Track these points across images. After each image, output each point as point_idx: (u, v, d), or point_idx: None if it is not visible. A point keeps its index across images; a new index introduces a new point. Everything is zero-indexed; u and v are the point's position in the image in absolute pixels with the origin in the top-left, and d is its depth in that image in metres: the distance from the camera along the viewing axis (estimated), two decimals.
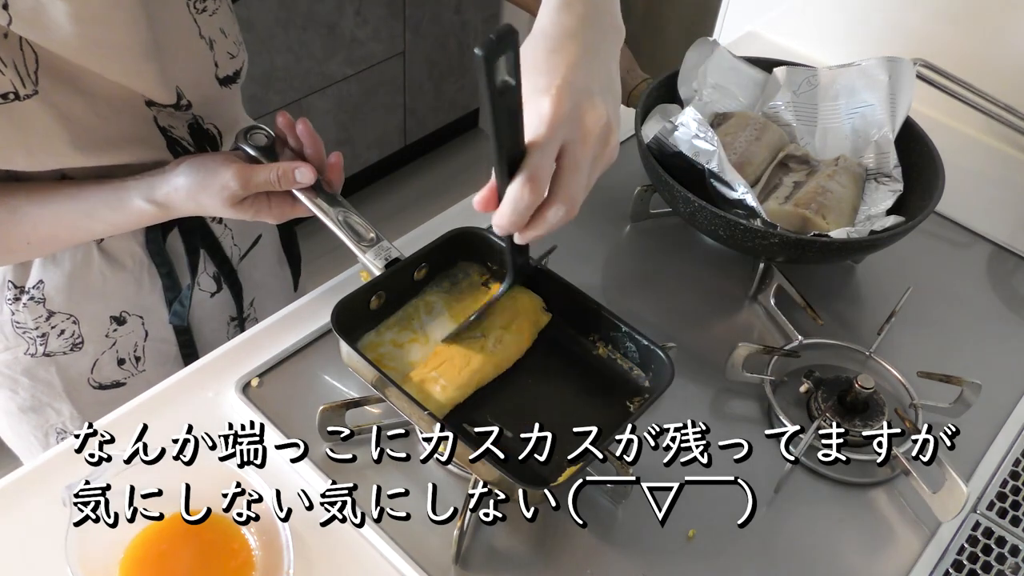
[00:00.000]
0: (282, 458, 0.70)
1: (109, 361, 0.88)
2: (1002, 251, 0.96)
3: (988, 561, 0.67)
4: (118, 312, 0.85)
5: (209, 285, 0.90)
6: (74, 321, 0.84)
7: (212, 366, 0.76)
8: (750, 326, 0.85)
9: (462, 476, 0.69)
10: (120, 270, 0.83)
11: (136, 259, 0.83)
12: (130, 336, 0.88)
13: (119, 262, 0.83)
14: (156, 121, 0.75)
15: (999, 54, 1.08)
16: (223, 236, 0.89)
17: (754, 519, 0.69)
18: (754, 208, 0.81)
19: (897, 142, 0.91)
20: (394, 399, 0.66)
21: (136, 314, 0.86)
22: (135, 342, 0.88)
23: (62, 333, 0.84)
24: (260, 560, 0.62)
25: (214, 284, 0.91)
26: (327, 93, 2.09)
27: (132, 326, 0.87)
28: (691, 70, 0.96)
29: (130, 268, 0.83)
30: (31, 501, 0.66)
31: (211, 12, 0.75)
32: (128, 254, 0.82)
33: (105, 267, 0.82)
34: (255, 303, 0.98)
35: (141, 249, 0.83)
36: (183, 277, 0.86)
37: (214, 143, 0.81)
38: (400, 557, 0.63)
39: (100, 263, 0.82)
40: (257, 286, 0.97)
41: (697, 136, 0.82)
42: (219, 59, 0.77)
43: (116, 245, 0.82)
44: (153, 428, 0.71)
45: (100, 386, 0.89)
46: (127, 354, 0.89)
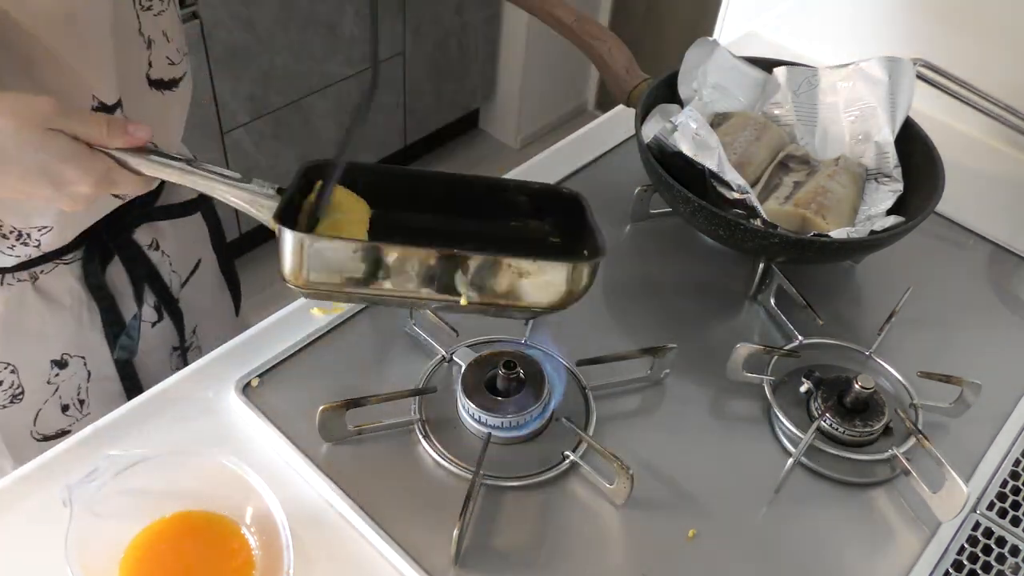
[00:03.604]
0: (282, 458, 0.70)
1: (52, 409, 0.84)
2: (1002, 251, 0.96)
3: (988, 561, 0.67)
4: (59, 355, 0.81)
5: (150, 315, 0.87)
6: (12, 370, 0.80)
7: (212, 366, 0.76)
8: (750, 326, 0.85)
9: (463, 476, 0.69)
10: (59, 309, 0.80)
11: (74, 295, 0.80)
12: (73, 379, 0.83)
13: (56, 300, 0.79)
14: None
15: (999, 54, 1.08)
16: (161, 264, 0.87)
17: (754, 519, 0.69)
18: (754, 208, 0.81)
19: (897, 142, 0.91)
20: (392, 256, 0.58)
21: (78, 355, 0.83)
22: (78, 384, 0.84)
23: (0, 385, 0.80)
24: (260, 560, 0.62)
25: (155, 314, 0.88)
26: (327, 93, 2.09)
27: (74, 368, 0.83)
28: (691, 70, 0.96)
29: (69, 305, 0.80)
30: (31, 501, 0.66)
31: (156, 12, 0.73)
32: (66, 290, 0.79)
33: (42, 307, 0.79)
34: (198, 331, 0.96)
35: (79, 284, 0.80)
36: (125, 309, 0.84)
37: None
38: (400, 557, 0.63)
39: (36, 303, 0.78)
40: (199, 313, 0.95)
41: (697, 136, 0.82)
42: (154, 60, 0.74)
43: (52, 283, 0.78)
44: (153, 428, 0.71)
45: (44, 438, 0.85)
46: (71, 399, 0.84)
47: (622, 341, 0.82)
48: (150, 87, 0.76)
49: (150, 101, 0.76)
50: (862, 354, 0.81)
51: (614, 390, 0.77)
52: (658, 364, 0.77)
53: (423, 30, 2.23)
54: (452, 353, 0.76)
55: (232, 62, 1.83)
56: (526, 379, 0.71)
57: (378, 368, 0.77)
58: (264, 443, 0.71)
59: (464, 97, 2.55)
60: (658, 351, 0.75)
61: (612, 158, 1.03)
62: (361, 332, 0.80)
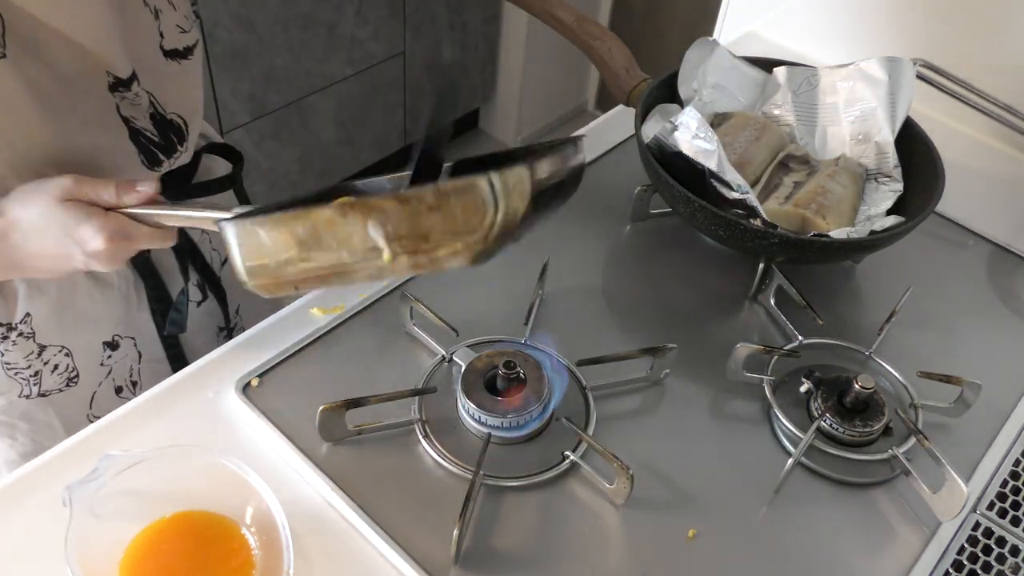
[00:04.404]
0: (282, 458, 0.70)
1: (107, 392, 0.86)
2: (1002, 251, 0.96)
3: (988, 561, 0.67)
4: (110, 336, 0.84)
5: (195, 294, 0.89)
6: (67, 353, 0.82)
7: (212, 366, 0.76)
8: (750, 326, 0.85)
9: (463, 476, 0.69)
10: (108, 289, 0.82)
11: (122, 275, 0.82)
12: (124, 361, 0.86)
13: (105, 281, 0.81)
14: (119, 110, 0.73)
15: (999, 54, 1.08)
16: (201, 242, 0.88)
17: (754, 519, 0.69)
18: (754, 208, 0.81)
19: (897, 142, 0.91)
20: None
21: (128, 336, 0.85)
22: (130, 366, 0.87)
23: (56, 368, 0.82)
24: (260, 560, 0.62)
25: (199, 293, 0.90)
26: (327, 93, 2.09)
27: (125, 349, 0.86)
28: (691, 70, 0.96)
29: (117, 285, 0.82)
30: (31, 501, 0.66)
31: None
32: (113, 270, 0.81)
33: (92, 288, 0.81)
34: (240, 311, 0.97)
35: (126, 263, 0.81)
36: (171, 285, 0.85)
37: (180, 133, 0.79)
38: (400, 557, 0.63)
39: (87, 285, 0.80)
40: (241, 294, 0.96)
41: (697, 136, 0.82)
42: (165, 30, 0.75)
43: None
44: (153, 428, 0.71)
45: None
46: (123, 381, 0.87)
47: (622, 341, 0.82)
48: (166, 58, 0.76)
49: (168, 72, 0.77)
50: (862, 354, 0.81)
51: (614, 390, 0.77)
52: (658, 364, 0.77)
53: (423, 30, 2.23)
54: (452, 353, 0.77)
55: (232, 62, 1.83)
56: (526, 379, 0.71)
57: (378, 368, 0.77)
58: (264, 443, 0.71)
59: (464, 97, 2.55)
60: (658, 351, 0.75)
61: (612, 158, 1.03)
62: (361, 332, 0.80)
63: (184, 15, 0.77)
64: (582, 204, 0.77)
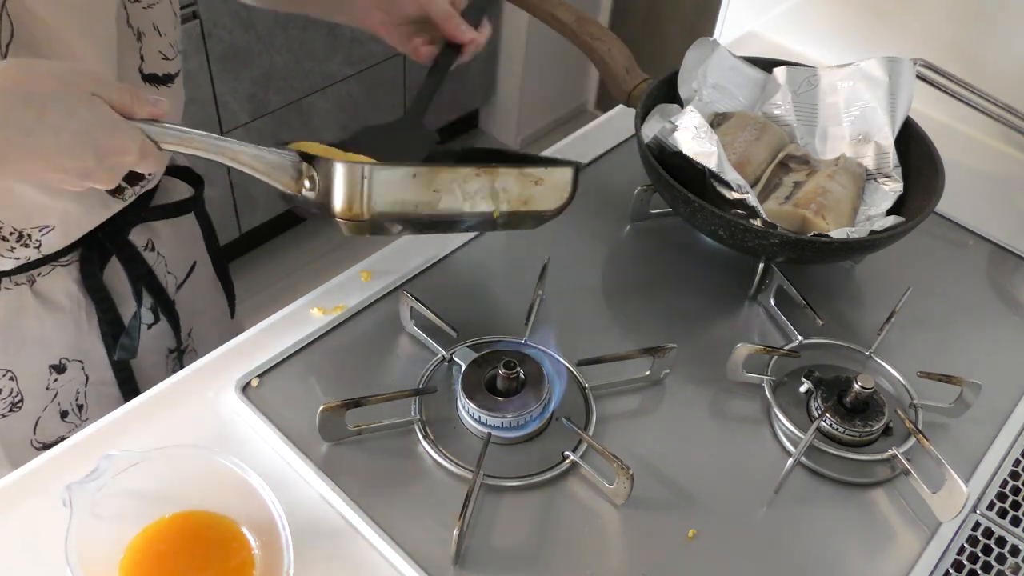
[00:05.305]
0: (282, 457, 0.70)
1: (52, 416, 0.83)
2: (1002, 251, 0.96)
3: (988, 561, 0.67)
4: (57, 360, 0.81)
5: (147, 317, 0.87)
6: (11, 377, 0.79)
7: (212, 366, 0.76)
8: (750, 326, 0.85)
9: (463, 476, 0.69)
10: (57, 312, 0.79)
11: (72, 298, 0.80)
12: (71, 384, 0.83)
13: (54, 303, 0.79)
14: None
15: (999, 54, 1.08)
16: (157, 265, 0.86)
17: (754, 519, 0.69)
18: (754, 208, 0.81)
19: (897, 142, 0.91)
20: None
21: (76, 359, 0.83)
22: (76, 389, 0.84)
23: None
24: (260, 560, 0.62)
25: (151, 316, 0.88)
26: (327, 93, 2.09)
27: (72, 372, 0.83)
28: (691, 70, 0.96)
29: (67, 308, 0.80)
30: (31, 501, 0.66)
31: (145, 5, 0.72)
32: (64, 293, 0.79)
33: (40, 310, 0.78)
34: (193, 333, 0.96)
35: (77, 286, 0.80)
36: (123, 309, 0.84)
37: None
38: (400, 557, 0.63)
39: (34, 307, 0.78)
40: (194, 315, 0.95)
41: (697, 136, 0.82)
42: (146, 54, 0.74)
43: (50, 286, 0.78)
44: (153, 428, 0.71)
45: (44, 446, 0.84)
46: (69, 404, 0.84)
47: (622, 341, 0.82)
48: (143, 81, 0.75)
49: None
50: (862, 354, 0.81)
51: (614, 390, 0.77)
52: (658, 364, 0.77)
53: None
54: (452, 353, 0.77)
55: (232, 62, 1.83)
56: (526, 379, 0.71)
57: (378, 368, 0.77)
58: (264, 443, 0.71)
59: (464, 97, 2.55)
60: (658, 351, 0.75)
61: (612, 158, 1.03)
62: (361, 332, 0.80)
63: (170, 43, 0.76)
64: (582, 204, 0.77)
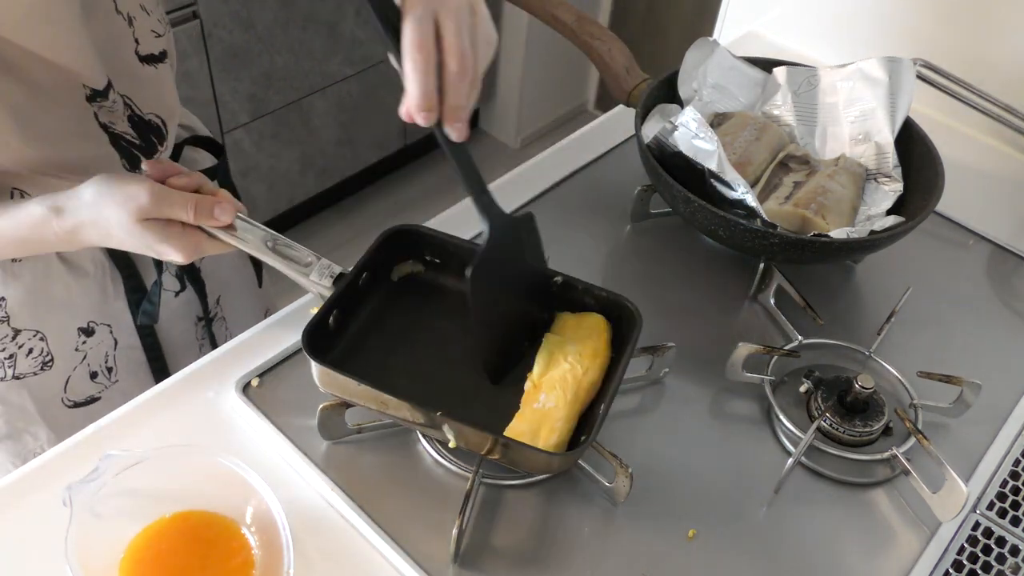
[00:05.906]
0: (282, 457, 0.70)
1: (81, 376, 0.86)
2: (1002, 251, 0.96)
3: (988, 561, 0.67)
4: (85, 323, 0.83)
5: (172, 284, 0.89)
6: (41, 338, 0.81)
7: (212, 366, 0.76)
8: (750, 326, 0.85)
9: (462, 475, 0.69)
10: (83, 277, 0.81)
11: (97, 263, 0.82)
12: (100, 347, 0.86)
13: (81, 268, 0.81)
14: (97, 118, 0.73)
15: (999, 54, 1.08)
16: None
17: (754, 519, 0.69)
18: (754, 208, 0.81)
19: (897, 142, 0.91)
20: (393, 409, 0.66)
21: (104, 323, 0.85)
22: (105, 352, 0.86)
23: (30, 352, 0.82)
24: (260, 560, 0.62)
25: (177, 283, 0.89)
26: (327, 93, 2.09)
27: (101, 336, 0.85)
28: (691, 70, 0.96)
29: (93, 274, 0.82)
30: (31, 501, 0.66)
31: None
32: (89, 259, 0.81)
33: (67, 276, 0.80)
34: (221, 301, 0.97)
35: (102, 252, 0.81)
36: (147, 276, 0.85)
37: (159, 133, 0.79)
38: (400, 557, 0.63)
39: (62, 272, 0.80)
40: (221, 283, 0.96)
41: (697, 136, 0.82)
42: (140, 36, 0.75)
43: (75, 251, 0.79)
44: (153, 428, 0.71)
45: (75, 404, 0.87)
46: (99, 366, 0.86)
47: None
48: (142, 63, 0.76)
49: (145, 76, 0.77)
50: (862, 354, 0.81)
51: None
52: (657, 363, 0.77)
53: None
54: None
55: (232, 62, 1.83)
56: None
57: None
58: (264, 443, 0.71)
59: None
60: (657, 350, 0.75)
61: (612, 158, 1.03)
62: None
63: (158, 19, 0.77)
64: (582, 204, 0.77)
